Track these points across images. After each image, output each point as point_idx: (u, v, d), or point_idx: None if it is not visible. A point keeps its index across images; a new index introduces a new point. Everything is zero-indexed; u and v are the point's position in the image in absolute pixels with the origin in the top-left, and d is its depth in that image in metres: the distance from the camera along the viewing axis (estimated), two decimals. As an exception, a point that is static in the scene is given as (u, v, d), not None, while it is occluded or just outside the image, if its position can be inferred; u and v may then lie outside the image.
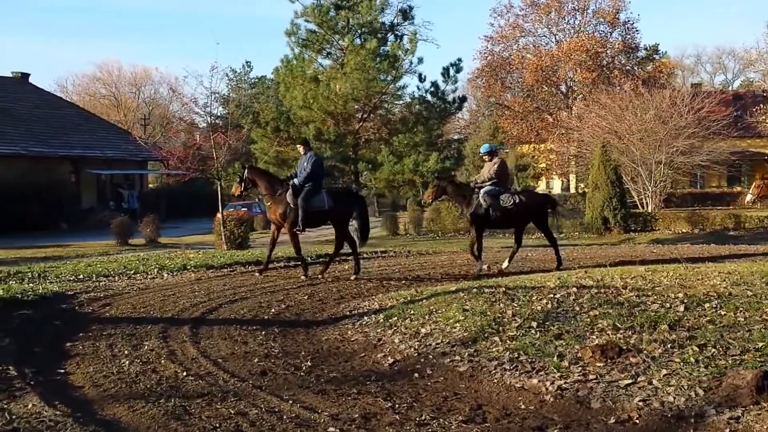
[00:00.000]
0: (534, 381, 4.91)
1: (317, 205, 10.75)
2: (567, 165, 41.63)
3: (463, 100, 23.36)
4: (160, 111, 58.59)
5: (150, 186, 43.38)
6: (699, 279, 7.66)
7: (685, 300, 6.42)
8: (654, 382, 4.60)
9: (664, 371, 4.72)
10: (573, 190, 43.16)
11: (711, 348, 5.04)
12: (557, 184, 47.43)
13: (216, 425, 4.35)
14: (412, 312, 7.17)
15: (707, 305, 6.20)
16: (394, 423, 4.36)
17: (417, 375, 5.38)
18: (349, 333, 6.91)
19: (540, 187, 42.76)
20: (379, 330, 6.81)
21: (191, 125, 54.14)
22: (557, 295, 7.03)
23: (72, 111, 37.75)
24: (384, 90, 20.78)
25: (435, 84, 21.19)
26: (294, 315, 7.94)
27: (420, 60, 21.12)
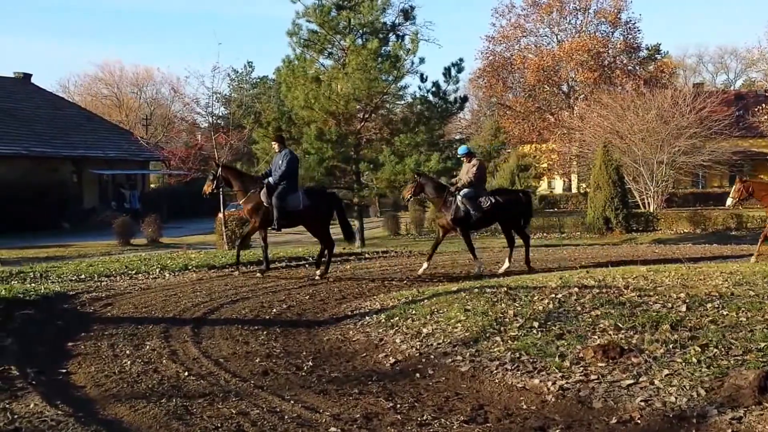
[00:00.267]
0: (535, 381, 4.91)
1: (292, 205, 10.54)
2: (569, 165, 41.62)
3: (465, 100, 23.32)
4: (161, 111, 58.58)
5: (152, 186, 43.43)
6: (701, 279, 7.66)
7: (687, 300, 6.42)
8: (656, 382, 4.59)
9: (665, 371, 4.71)
10: (575, 190, 43.14)
11: (713, 348, 5.04)
12: (559, 184, 47.40)
13: (217, 425, 4.35)
14: (413, 312, 7.17)
15: (709, 305, 6.19)
16: (395, 423, 4.36)
17: (418, 375, 5.38)
18: (351, 333, 6.91)
19: (541, 187, 42.72)
20: (381, 330, 6.81)
21: (193, 125, 54.14)
22: (559, 295, 7.03)
23: (74, 111, 37.81)
24: (385, 90, 20.76)
25: (436, 84, 21.18)
26: (295, 315, 7.94)
27: (421, 60, 21.10)
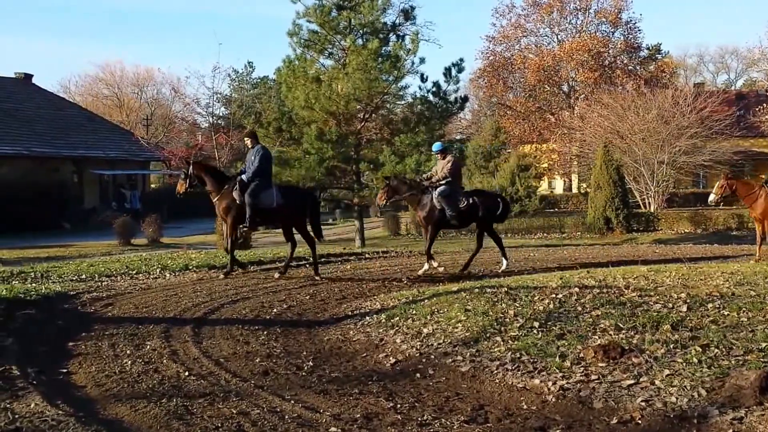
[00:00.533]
0: (536, 381, 4.91)
1: (266, 202, 10.35)
2: (569, 165, 41.61)
3: (465, 100, 23.30)
4: (162, 111, 58.58)
5: (152, 186, 43.39)
6: (702, 279, 7.66)
7: (688, 300, 6.42)
8: (656, 382, 4.58)
9: (666, 371, 4.71)
10: (575, 190, 43.12)
11: (714, 348, 5.03)
12: (559, 184, 47.40)
13: (218, 425, 4.35)
14: (413, 312, 7.16)
15: (710, 305, 6.19)
16: (395, 423, 4.36)
17: (419, 375, 5.38)
18: (351, 333, 6.91)
19: (542, 187, 42.68)
20: (381, 330, 6.81)
21: (193, 125, 54.15)
22: (559, 295, 7.03)
23: (75, 111, 37.80)
24: (386, 90, 20.74)
25: (437, 84, 21.16)
26: (296, 315, 7.94)
27: (422, 60, 21.05)
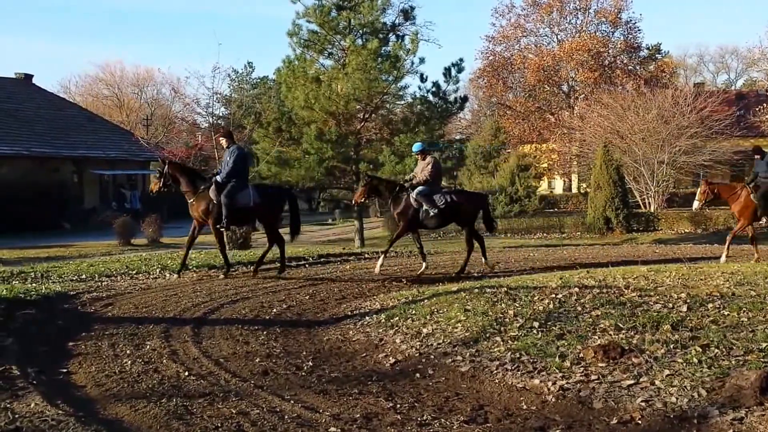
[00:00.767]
0: (536, 381, 4.91)
1: (242, 202, 10.36)
2: (569, 165, 41.58)
3: (465, 100, 23.32)
4: (162, 111, 58.57)
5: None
6: (702, 279, 7.66)
7: (688, 300, 6.42)
8: (656, 382, 4.58)
9: (666, 372, 4.71)
10: (575, 190, 43.11)
11: (714, 348, 5.03)
12: (559, 184, 47.39)
13: (217, 425, 4.35)
14: (413, 312, 7.16)
15: (710, 305, 6.19)
16: (395, 423, 4.36)
17: (418, 375, 5.38)
18: (351, 333, 6.91)
19: (541, 187, 42.68)
20: (381, 330, 6.81)
21: (193, 126, 54.15)
22: (559, 295, 7.03)
23: (75, 112, 37.78)
24: (385, 90, 20.76)
25: (436, 84, 21.19)
26: (295, 315, 7.94)
27: (421, 60, 21.14)
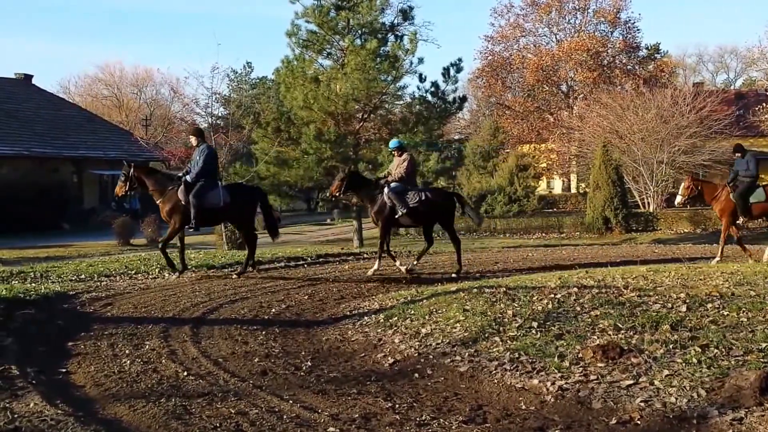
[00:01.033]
0: (535, 381, 4.90)
1: (212, 202, 10.16)
2: (568, 165, 41.61)
3: (464, 100, 23.36)
4: (161, 112, 58.55)
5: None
6: (701, 279, 7.65)
7: (688, 300, 6.41)
8: (656, 382, 4.58)
9: (665, 372, 4.70)
10: (574, 189, 43.13)
11: (713, 348, 5.03)
12: (558, 184, 47.40)
13: (216, 425, 4.34)
14: (412, 312, 7.16)
15: (710, 305, 6.19)
16: (394, 423, 4.35)
17: (417, 375, 5.38)
18: (350, 333, 6.91)
19: (540, 187, 42.68)
20: (380, 330, 6.80)
21: (193, 126, 54.11)
22: (558, 295, 7.02)
23: (74, 112, 37.77)
24: (384, 90, 20.79)
25: (435, 84, 21.22)
26: (294, 315, 7.93)
27: (420, 60, 21.16)
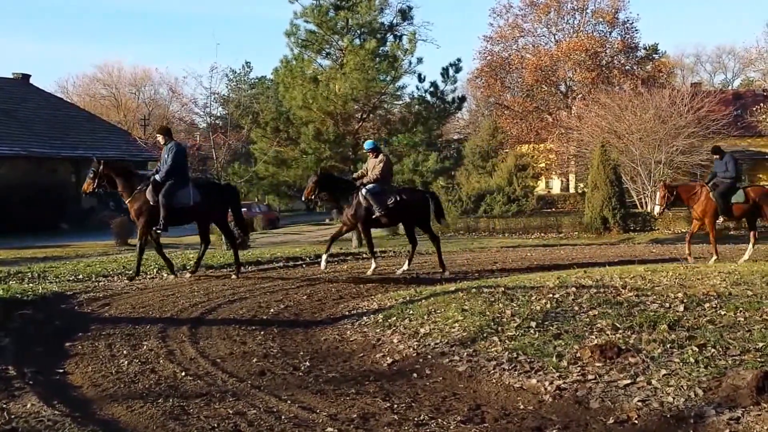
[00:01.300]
0: (533, 381, 4.91)
1: (182, 201, 9.99)
2: (566, 165, 41.62)
3: (463, 100, 23.35)
4: (160, 111, 58.55)
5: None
6: (699, 279, 7.66)
7: (685, 300, 6.42)
8: (653, 382, 4.59)
9: (663, 371, 4.71)
10: (572, 189, 43.17)
11: (711, 348, 5.04)
12: (557, 183, 47.45)
13: (214, 425, 4.34)
14: (411, 312, 7.16)
15: (707, 305, 6.20)
16: (392, 423, 4.35)
17: (416, 375, 5.38)
18: (348, 333, 6.90)
19: (539, 187, 42.72)
20: (378, 330, 6.80)
21: (191, 125, 54.12)
22: (556, 295, 7.03)
23: (73, 112, 37.70)
24: (383, 90, 20.78)
25: (434, 84, 21.20)
26: (293, 315, 7.93)
27: (419, 60, 21.11)
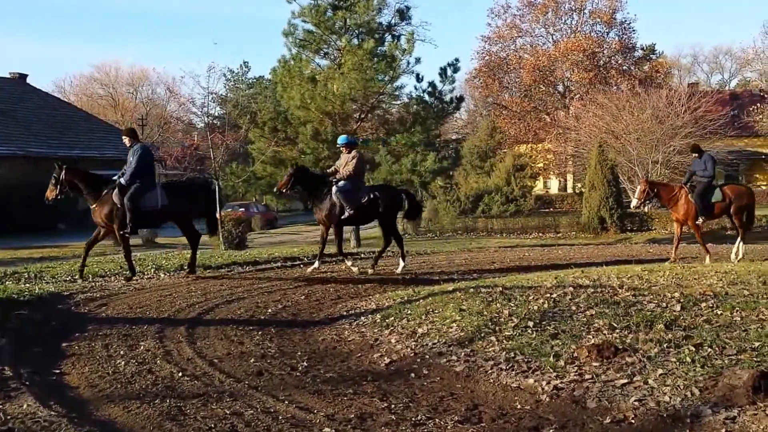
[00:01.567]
0: (530, 381, 4.91)
1: (149, 204, 9.74)
2: (564, 165, 41.74)
3: (461, 100, 23.42)
4: (157, 111, 58.51)
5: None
6: (695, 278, 7.67)
7: (682, 299, 6.43)
8: (650, 381, 4.59)
9: (660, 371, 4.72)
10: (570, 189, 43.25)
11: (707, 347, 5.04)
12: (554, 183, 47.54)
13: (211, 426, 4.34)
14: (408, 312, 7.16)
15: (704, 305, 6.21)
16: (389, 423, 4.35)
17: (413, 375, 5.38)
18: (346, 333, 6.90)
19: (537, 187, 42.77)
20: (376, 330, 6.80)
21: (189, 125, 54.12)
22: (554, 295, 7.04)
23: (70, 111, 37.64)
24: (381, 90, 20.81)
25: (432, 84, 21.26)
26: (291, 315, 7.92)
27: (417, 60, 21.19)
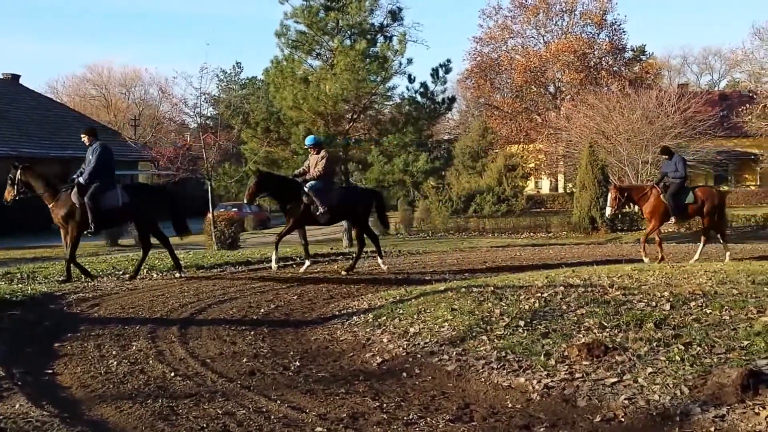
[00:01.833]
0: (521, 380, 4.94)
1: (110, 203, 9.76)
2: (555, 165, 41.89)
3: (453, 100, 23.47)
4: (150, 112, 58.28)
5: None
6: (685, 278, 7.73)
7: (671, 298, 6.48)
8: (640, 380, 4.63)
9: (649, 369, 4.76)
10: (561, 189, 43.40)
11: (696, 346, 5.09)
12: (546, 183, 47.69)
13: (203, 425, 4.34)
14: (401, 311, 7.18)
15: (693, 304, 6.26)
16: (381, 422, 4.38)
17: (405, 374, 5.40)
18: (338, 333, 6.92)
19: (528, 187, 42.88)
20: (368, 329, 6.82)
21: (182, 126, 53.94)
22: (545, 294, 7.08)
23: (63, 112, 37.48)
24: (374, 91, 20.82)
25: (424, 85, 21.29)
26: (283, 315, 7.93)
27: (409, 61, 21.24)
